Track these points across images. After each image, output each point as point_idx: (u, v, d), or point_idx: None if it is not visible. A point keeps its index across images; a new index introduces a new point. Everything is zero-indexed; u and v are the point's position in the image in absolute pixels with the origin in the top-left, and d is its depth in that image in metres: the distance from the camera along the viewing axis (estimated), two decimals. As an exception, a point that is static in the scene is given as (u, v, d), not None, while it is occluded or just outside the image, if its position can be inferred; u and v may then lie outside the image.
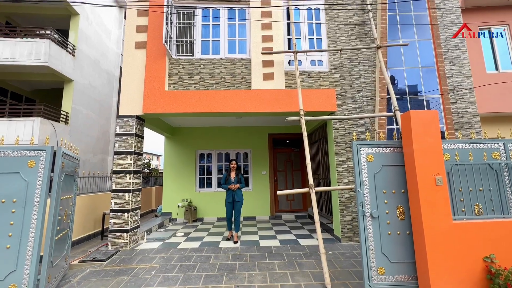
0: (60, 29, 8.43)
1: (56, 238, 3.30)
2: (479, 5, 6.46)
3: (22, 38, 7.09)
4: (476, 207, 3.20)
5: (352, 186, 3.73)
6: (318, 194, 6.91)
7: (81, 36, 8.45)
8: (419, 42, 5.66)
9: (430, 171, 3.01)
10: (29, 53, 6.88)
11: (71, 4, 7.79)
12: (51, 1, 6.98)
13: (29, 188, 3.01)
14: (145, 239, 5.43)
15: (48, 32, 7.25)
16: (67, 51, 7.80)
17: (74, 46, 8.16)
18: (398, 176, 3.30)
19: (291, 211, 8.09)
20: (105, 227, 5.83)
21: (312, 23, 5.72)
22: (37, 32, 7.44)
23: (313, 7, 5.77)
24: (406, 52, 5.58)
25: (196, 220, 7.52)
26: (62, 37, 7.74)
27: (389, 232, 3.17)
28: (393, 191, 3.27)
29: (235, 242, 5.10)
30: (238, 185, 5.24)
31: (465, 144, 3.31)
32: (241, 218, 5.97)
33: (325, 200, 6.55)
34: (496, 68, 6.40)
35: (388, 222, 3.20)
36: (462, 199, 3.20)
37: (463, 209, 3.17)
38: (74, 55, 8.08)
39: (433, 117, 3.10)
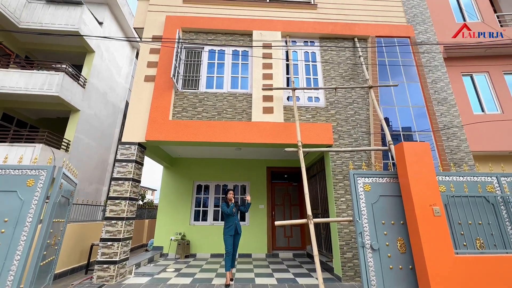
0: (74, 64, 9.06)
1: (41, 264, 3.13)
2: (459, 55, 7.13)
3: (38, 70, 7.58)
4: (477, 241, 3.14)
5: (351, 218, 3.66)
6: (317, 230, 6.69)
7: (93, 71, 9.03)
8: (408, 85, 6.10)
9: (427, 201, 3.03)
10: (43, 83, 7.29)
11: (88, 42, 8.53)
12: (68, 34, 7.65)
13: (24, 208, 2.96)
14: (133, 274, 5.08)
15: (64, 66, 7.79)
16: (79, 83, 8.26)
17: (86, 79, 8.67)
18: (396, 207, 3.30)
19: (289, 248, 7.71)
20: (91, 260, 5.48)
21: (309, 64, 6.24)
22: (53, 65, 7.99)
23: (309, 50, 6.36)
24: (397, 94, 5.96)
25: (188, 256, 7.10)
26: (76, 70, 8.28)
27: (390, 266, 3.05)
28: (392, 222, 3.23)
29: (231, 280, 4.73)
30: (248, 198, 4.86)
31: (459, 176, 3.39)
32: (236, 255, 5.64)
33: (324, 237, 6.31)
34: (482, 110, 6.80)
35: (389, 255, 3.10)
36: (462, 232, 3.16)
37: (465, 243, 3.11)
38: (84, 87, 8.53)
39: (425, 148, 3.24)
